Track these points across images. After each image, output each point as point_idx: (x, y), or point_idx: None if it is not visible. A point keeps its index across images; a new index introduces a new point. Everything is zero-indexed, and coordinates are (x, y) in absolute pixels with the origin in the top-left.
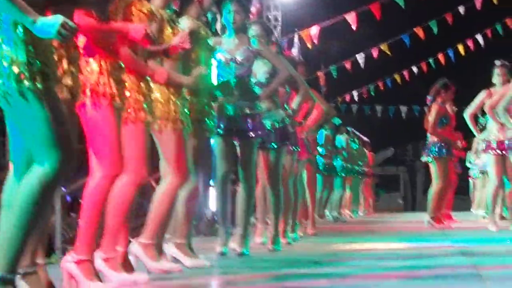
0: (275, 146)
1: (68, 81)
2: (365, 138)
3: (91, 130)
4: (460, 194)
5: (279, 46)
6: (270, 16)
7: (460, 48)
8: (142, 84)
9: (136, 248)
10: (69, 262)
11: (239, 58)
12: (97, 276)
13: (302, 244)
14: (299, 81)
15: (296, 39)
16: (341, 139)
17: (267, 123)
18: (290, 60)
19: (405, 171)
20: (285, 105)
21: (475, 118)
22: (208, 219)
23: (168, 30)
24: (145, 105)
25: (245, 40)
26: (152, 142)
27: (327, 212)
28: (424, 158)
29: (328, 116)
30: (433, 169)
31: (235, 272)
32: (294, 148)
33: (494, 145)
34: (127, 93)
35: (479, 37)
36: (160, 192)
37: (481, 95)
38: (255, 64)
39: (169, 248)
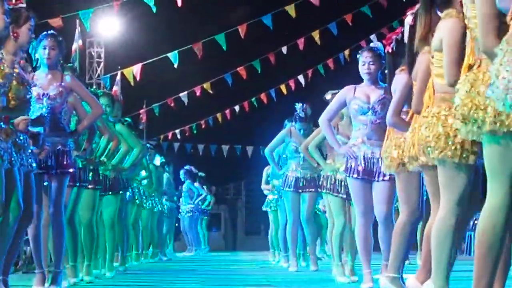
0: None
1: None
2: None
3: None
4: None
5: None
6: (93, 53)
7: (283, 87)
8: None
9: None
10: None
11: (51, 93)
12: None
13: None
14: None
15: (118, 76)
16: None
17: (78, 161)
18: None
19: (227, 210)
20: None
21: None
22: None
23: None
24: None
25: (58, 75)
26: None
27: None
28: None
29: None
30: None
31: None
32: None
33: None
34: None
35: (301, 78)
36: None
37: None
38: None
39: None
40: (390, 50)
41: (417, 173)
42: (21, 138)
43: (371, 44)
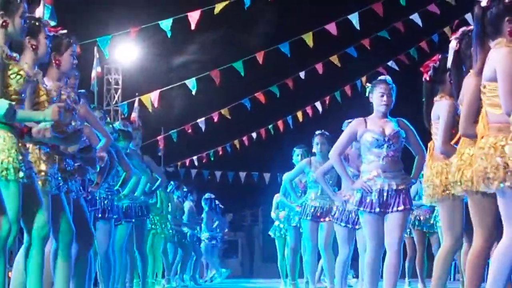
0: None
1: None
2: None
3: None
4: None
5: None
6: (111, 80)
7: (299, 114)
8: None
9: None
10: None
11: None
12: None
13: None
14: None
15: (136, 103)
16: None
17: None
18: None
19: (244, 237)
20: None
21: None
22: None
23: (42, 91)
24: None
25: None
26: None
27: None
28: None
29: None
30: None
31: None
32: None
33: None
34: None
35: (318, 105)
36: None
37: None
38: None
39: None
40: (428, 78)
41: (460, 200)
42: (69, 163)
43: (382, 77)
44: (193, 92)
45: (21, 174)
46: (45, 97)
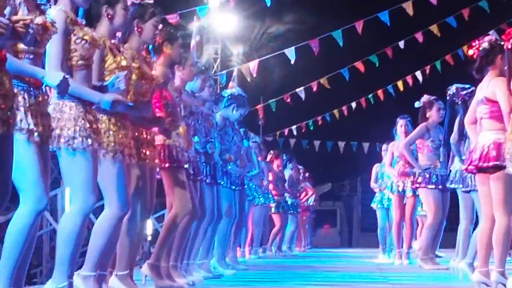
0: None
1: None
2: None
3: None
4: None
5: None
6: None
7: (400, 84)
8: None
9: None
10: None
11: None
12: None
13: (246, 277)
14: None
15: (235, 73)
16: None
17: None
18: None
19: (342, 206)
20: None
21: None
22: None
23: (110, 59)
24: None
25: None
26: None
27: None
28: None
29: None
30: None
31: None
32: None
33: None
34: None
35: (418, 74)
36: (100, 223)
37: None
38: None
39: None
40: (509, 46)
41: None
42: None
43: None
44: (292, 62)
45: (88, 142)
46: (114, 65)
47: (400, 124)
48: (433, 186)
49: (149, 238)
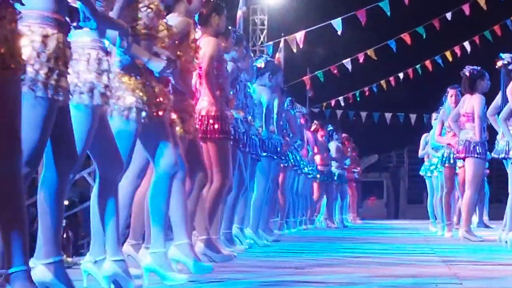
0: None
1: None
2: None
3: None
4: None
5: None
6: (256, 20)
7: (448, 54)
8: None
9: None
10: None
11: None
12: None
13: (284, 248)
14: None
15: (281, 44)
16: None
17: None
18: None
19: (389, 178)
20: None
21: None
22: None
23: (163, 26)
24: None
25: None
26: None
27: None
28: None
29: None
30: None
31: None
32: None
33: None
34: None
35: (466, 44)
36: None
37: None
38: None
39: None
40: None
41: None
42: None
43: None
44: (339, 32)
45: (143, 114)
46: (165, 32)
47: (451, 94)
48: (484, 157)
49: None
